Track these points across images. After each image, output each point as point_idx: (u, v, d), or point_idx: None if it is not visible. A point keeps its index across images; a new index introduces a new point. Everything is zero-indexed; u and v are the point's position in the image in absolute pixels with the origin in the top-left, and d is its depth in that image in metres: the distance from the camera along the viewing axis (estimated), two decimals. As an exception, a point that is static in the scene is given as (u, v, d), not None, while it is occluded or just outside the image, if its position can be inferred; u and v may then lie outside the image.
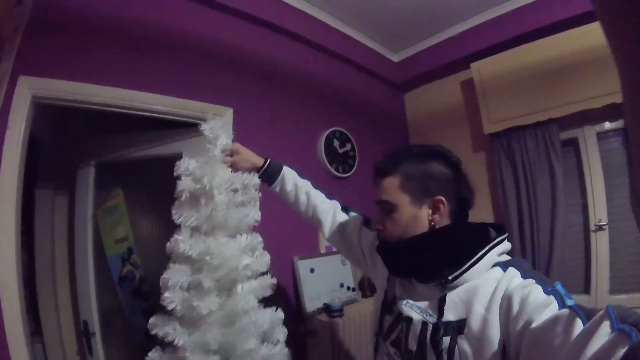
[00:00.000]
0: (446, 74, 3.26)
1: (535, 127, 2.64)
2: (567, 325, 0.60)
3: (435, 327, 0.88)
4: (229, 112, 2.15)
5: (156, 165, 2.18)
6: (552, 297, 0.71)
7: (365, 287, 2.53)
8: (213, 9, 2.17)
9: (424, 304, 0.94)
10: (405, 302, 0.99)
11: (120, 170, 2.29)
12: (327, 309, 2.18)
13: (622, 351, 0.46)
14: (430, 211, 0.95)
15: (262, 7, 2.37)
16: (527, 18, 2.71)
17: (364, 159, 2.93)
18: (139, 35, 1.87)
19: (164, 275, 1.17)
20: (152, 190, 2.35)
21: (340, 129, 2.80)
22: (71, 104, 1.65)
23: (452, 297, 0.88)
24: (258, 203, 1.32)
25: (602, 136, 2.62)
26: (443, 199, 0.94)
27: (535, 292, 0.74)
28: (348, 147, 2.84)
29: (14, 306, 1.40)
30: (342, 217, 1.36)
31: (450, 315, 0.86)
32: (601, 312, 0.55)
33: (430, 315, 0.90)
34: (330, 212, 1.36)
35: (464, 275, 0.87)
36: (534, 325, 0.68)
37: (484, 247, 0.89)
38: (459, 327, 0.84)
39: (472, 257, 0.88)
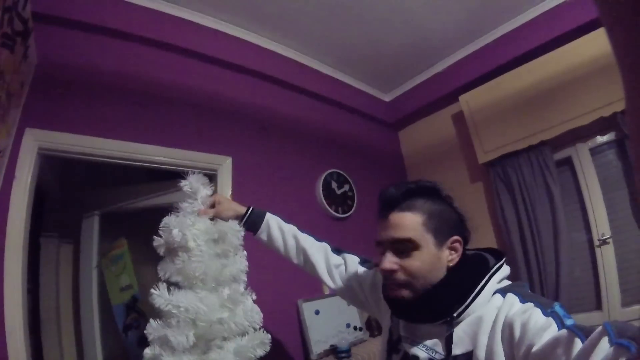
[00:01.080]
0: (437, 108, 3.37)
1: (529, 151, 2.70)
2: (567, 345, 0.62)
3: None
4: (228, 161, 2.24)
5: (159, 215, 2.26)
6: (551, 319, 0.73)
7: (373, 326, 2.50)
8: (211, 64, 2.32)
9: (430, 342, 0.93)
10: (410, 341, 0.97)
11: (124, 220, 2.35)
12: (334, 350, 2.15)
13: None
14: (448, 252, 0.93)
15: (257, 60, 2.54)
16: (507, 47, 2.85)
17: (363, 199, 2.98)
18: (140, 90, 2.00)
19: (145, 330, 1.17)
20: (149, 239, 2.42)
21: (338, 170, 2.87)
22: (75, 156, 1.74)
23: (457, 332, 0.88)
24: (243, 252, 1.30)
25: (595, 151, 2.66)
26: (460, 238, 0.93)
27: (534, 316, 0.75)
28: (346, 187, 2.90)
29: (20, 354, 1.41)
30: (336, 259, 1.32)
31: (457, 349, 0.86)
32: (599, 329, 0.57)
33: (437, 353, 0.90)
34: (322, 254, 1.33)
35: (468, 309, 0.87)
36: (535, 349, 0.69)
37: (484, 277, 0.89)
38: (468, 359, 0.85)
39: (474, 290, 0.88)
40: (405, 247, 0.91)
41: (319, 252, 1.32)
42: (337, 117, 3.08)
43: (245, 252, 1.31)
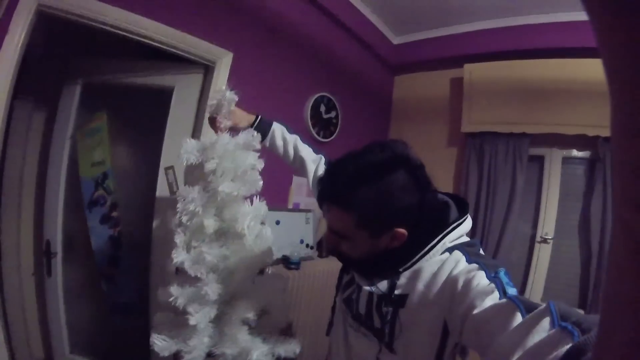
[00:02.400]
0: (440, 67, 3.39)
1: (509, 137, 2.86)
2: (507, 316, 0.62)
3: (380, 298, 0.93)
4: (228, 57, 2.16)
5: (144, 95, 2.24)
6: (493, 285, 0.72)
7: (322, 247, 2.69)
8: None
9: (374, 282, 0.96)
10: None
11: (107, 94, 2.27)
12: (285, 260, 2.31)
13: (564, 348, 0.47)
14: (388, 240, 0.88)
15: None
16: (528, 37, 2.87)
17: (345, 129, 3.05)
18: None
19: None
20: (136, 119, 2.37)
21: (329, 95, 2.89)
22: (74, 18, 1.62)
23: (401, 277, 0.90)
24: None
25: (567, 161, 2.87)
26: (404, 231, 0.86)
27: (478, 277, 0.76)
28: (333, 114, 2.95)
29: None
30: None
31: (396, 291, 0.90)
32: (542, 307, 0.57)
33: (379, 289, 0.93)
34: (314, 164, 1.40)
35: (414, 265, 0.89)
36: (475, 312, 0.69)
37: (437, 236, 0.88)
38: (400, 300, 0.89)
39: (423, 249, 0.88)
40: (340, 234, 0.91)
41: (314, 163, 1.40)
42: (342, 42, 3.02)
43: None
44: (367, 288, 0.96)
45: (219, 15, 2.13)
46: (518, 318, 0.61)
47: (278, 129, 1.45)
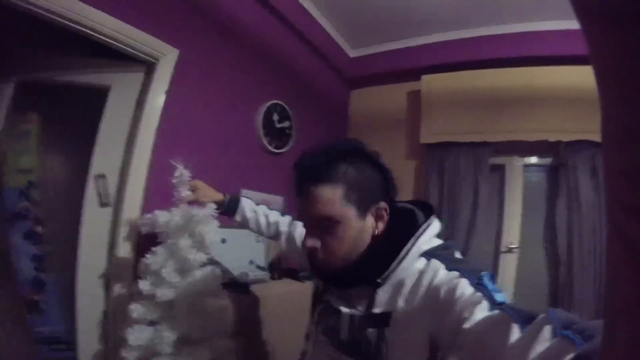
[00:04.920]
0: (396, 80, 3.43)
1: (470, 146, 2.86)
2: (503, 330, 0.60)
3: (362, 319, 0.89)
4: (173, 53, 2.01)
5: (80, 96, 2.06)
6: (480, 294, 0.71)
7: (275, 269, 2.52)
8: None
9: (353, 301, 0.94)
10: (335, 294, 1.00)
11: (42, 94, 2.11)
12: (233, 283, 2.13)
13: (568, 357, 0.46)
14: (373, 220, 0.92)
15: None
16: (484, 48, 2.96)
17: (300, 141, 2.95)
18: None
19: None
20: (71, 122, 2.19)
21: (283, 104, 2.80)
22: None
23: (380, 293, 0.88)
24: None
25: (528, 168, 2.92)
26: (386, 205, 0.92)
27: (461, 287, 0.74)
28: (286, 124, 2.85)
29: None
30: (295, 226, 1.45)
31: (377, 309, 0.88)
32: (542, 316, 0.56)
33: (358, 310, 0.91)
34: (287, 227, 1.47)
35: (393, 273, 0.87)
36: (466, 325, 0.67)
37: (410, 240, 0.88)
38: (384, 319, 0.86)
39: (399, 255, 0.87)
40: (326, 223, 0.89)
41: (287, 226, 1.47)
42: (298, 52, 2.99)
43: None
44: (346, 311, 0.94)
45: (167, 9, 2.00)
46: (515, 330, 0.59)
47: (247, 203, 1.53)
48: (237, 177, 2.45)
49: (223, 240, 2.19)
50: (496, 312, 0.66)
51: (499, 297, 0.70)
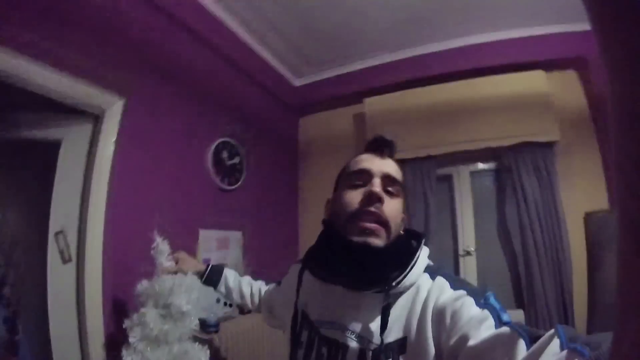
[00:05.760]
0: (341, 105, 3.58)
1: (415, 161, 3.00)
2: (510, 345, 0.60)
3: (377, 352, 0.82)
4: (119, 103, 2.03)
5: (31, 152, 2.10)
6: (486, 311, 0.71)
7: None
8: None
9: (358, 327, 0.87)
10: (335, 326, 0.91)
11: None
12: (202, 324, 2.16)
13: None
14: (403, 210, 0.94)
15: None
16: (422, 65, 3.13)
17: (251, 175, 3.00)
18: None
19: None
20: (24, 179, 2.20)
21: (231, 141, 2.85)
22: None
23: (391, 317, 0.82)
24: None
25: (474, 175, 3.09)
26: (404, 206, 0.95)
27: (467, 305, 0.74)
28: (236, 160, 2.90)
29: None
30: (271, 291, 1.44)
31: (391, 336, 0.82)
32: (551, 332, 0.56)
33: (369, 342, 0.84)
34: (268, 286, 1.47)
35: (404, 280, 0.84)
36: (471, 343, 0.66)
37: (418, 249, 0.89)
38: (400, 346, 0.81)
39: (412, 259, 0.86)
40: (394, 188, 0.91)
41: (268, 287, 1.46)
42: (241, 87, 3.06)
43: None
44: (354, 345, 0.86)
45: (110, 58, 2.02)
46: (522, 346, 0.58)
47: (230, 274, 1.53)
48: (194, 216, 2.47)
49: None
50: (503, 329, 0.65)
51: (505, 316, 0.70)
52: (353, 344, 0.86)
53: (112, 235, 1.93)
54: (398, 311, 0.84)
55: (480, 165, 3.11)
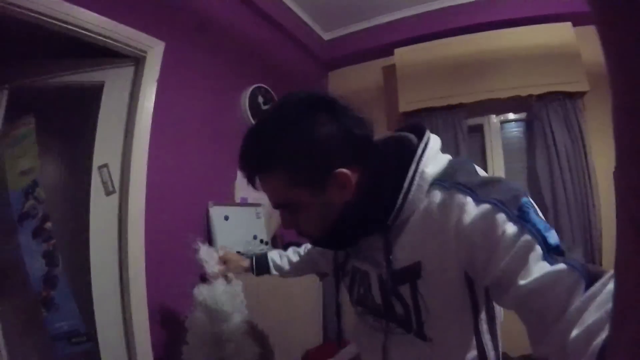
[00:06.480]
0: (371, 57, 3.59)
1: (446, 110, 3.03)
2: (570, 291, 0.55)
3: (392, 277, 0.80)
4: (160, 46, 2.13)
5: (74, 94, 2.18)
6: (527, 235, 0.62)
7: (277, 243, 2.68)
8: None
9: (373, 257, 0.86)
10: (358, 256, 0.93)
11: (36, 97, 2.20)
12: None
13: None
14: (336, 190, 0.80)
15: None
16: (451, 17, 3.13)
17: None
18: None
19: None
20: (67, 120, 2.29)
21: (266, 87, 2.93)
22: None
23: (400, 243, 0.80)
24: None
25: (504, 125, 3.11)
26: (345, 171, 0.78)
27: (500, 224, 0.64)
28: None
29: None
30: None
31: (403, 262, 0.79)
32: (607, 276, 0.52)
33: (382, 267, 0.83)
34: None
35: (403, 212, 0.77)
36: (522, 282, 0.59)
37: (409, 170, 0.77)
38: (415, 271, 0.77)
39: (401, 190, 0.76)
40: (285, 208, 0.85)
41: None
42: (275, 40, 3.12)
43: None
44: (373, 271, 0.87)
45: (148, 3, 2.11)
46: (580, 290, 0.54)
47: (275, 255, 1.52)
48: (229, 162, 2.53)
49: (226, 218, 2.34)
50: (560, 267, 0.57)
51: (551, 237, 0.62)
52: (372, 272, 0.88)
53: (152, 171, 2.05)
54: (409, 236, 0.79)
55: (511, 115, 3.11)
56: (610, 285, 0.49)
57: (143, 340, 1.91)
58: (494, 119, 3.13)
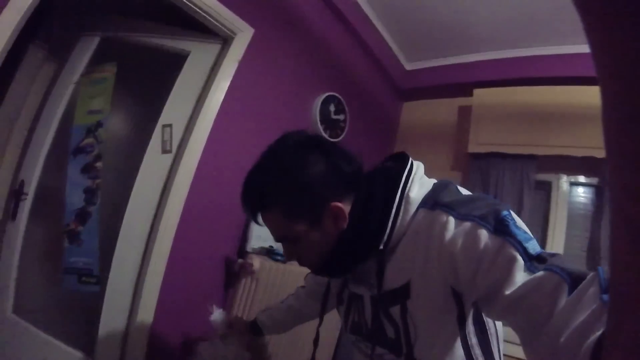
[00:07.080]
0: (447, 95, 3.54)
1: (516, 159, 2.91)
2: (554, 294, 0.56)
3: (382, 298, 0.85)
4: (249, 31, 2.23)
5: (158, 56, 2.30)
6: (508, 247, 0.64)
7: None
8: None
9: (367, 280, 0.90)
10: (354, 281, 0.96)
11: (122, 49, 2.31)
12: (270, 251, 2.29)
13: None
14: (331, 222, 0.86)
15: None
16: (535, 66, 3.06)
17: (349, 137, 3.05)
18: None
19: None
20: (145, 77, 2.39)
21: (340, 97, 2.95)
22: None
23: (392, 265, 0.84)
24: None
25: (573, 187, 2.94)
26: (337, 204, 0.85)
27: (482, 240, 0.67)
28: (341, 117, 2.99)
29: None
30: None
31: (394, 282, 0.82)
32: (590, 277, 0.53)
33: (374, 288, 0.87)
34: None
35: (392, 238, 0.82)
36: (507, 291, 0.61)
37: (395, 198, 0.82)
38: (404, 292, 0.81)
39: (389, 215, 0.81)
40: (287, 240, 0.92)
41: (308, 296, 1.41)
42: (356, 56, 3.15)
43: None
44: (366, 294, 0.92)
45: None
46: (564, 293, 0.55)
47: (263, 317, 1.48)
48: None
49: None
50: (541, 273, 0.60)
51: (531, 246, 0.64)
52: (366, 294, 0.92)
53: (210, 145, 2.11)
54: (400, 258, 0.83)
55: (582, 178, 2.93)
56: (595, 286, 0.50)
57: (150, 299, 1.93)
58: (564, 178, 2.95)
